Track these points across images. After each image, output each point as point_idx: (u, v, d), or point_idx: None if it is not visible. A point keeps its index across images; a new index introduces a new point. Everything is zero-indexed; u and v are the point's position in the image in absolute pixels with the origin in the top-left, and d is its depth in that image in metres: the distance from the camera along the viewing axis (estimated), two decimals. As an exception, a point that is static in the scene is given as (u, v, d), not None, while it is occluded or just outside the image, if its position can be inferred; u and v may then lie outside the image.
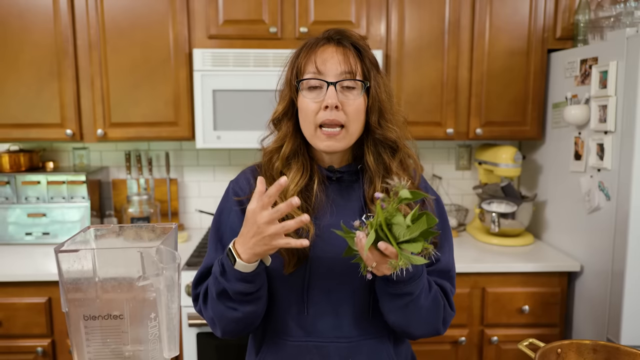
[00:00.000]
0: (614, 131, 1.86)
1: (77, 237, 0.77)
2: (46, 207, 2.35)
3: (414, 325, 1.04)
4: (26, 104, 2.20)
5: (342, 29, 1.07)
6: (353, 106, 1.02)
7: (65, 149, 2.61)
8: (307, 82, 1.03)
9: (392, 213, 0.84)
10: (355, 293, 1.06)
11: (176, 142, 2.61)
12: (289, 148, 1.07)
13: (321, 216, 1.06)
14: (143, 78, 2.22)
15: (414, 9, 2.26)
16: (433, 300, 1.04)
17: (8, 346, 1.99)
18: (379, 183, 1.06)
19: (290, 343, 1.07)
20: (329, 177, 1.09)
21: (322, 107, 1.01)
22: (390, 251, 0.84)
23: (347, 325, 1.06)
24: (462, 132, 2.36)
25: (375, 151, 1.07)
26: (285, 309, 1.06)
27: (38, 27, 2.16)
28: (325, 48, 1.04)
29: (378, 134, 1.05)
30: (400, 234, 0.84)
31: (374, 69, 1.05)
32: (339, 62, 1.02)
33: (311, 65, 1.03)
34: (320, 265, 1.04)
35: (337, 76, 1.02)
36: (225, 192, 1.15)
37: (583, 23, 2.20)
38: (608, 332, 1.91)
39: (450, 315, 1.10)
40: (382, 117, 1.05)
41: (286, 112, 1.08)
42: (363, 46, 1.06)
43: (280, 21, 2.23)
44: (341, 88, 1.02)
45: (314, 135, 1.04)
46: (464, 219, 2.68)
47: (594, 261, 2.00)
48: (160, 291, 0.70)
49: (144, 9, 2.18)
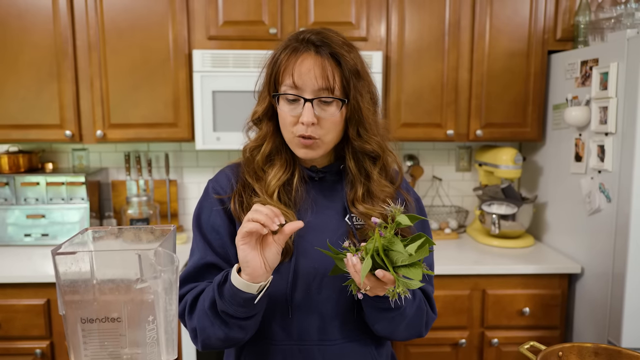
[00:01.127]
0: (615, 133, 1.85)
1: (74, 238, 0.76)
2: (45, 209, 2.35)
3: (398, 333, 1.05)
4: (25, 105, 2.20)
5: (323, 31, 1.03)
6: (330, 120, 1.01)
7: (65, 150, 2.60)
8: (284, 95, 1.01)
9: (390, 240, 0.84)
10: (340, 295, 1.05)
11: (176, 143, 2.60)
12: (269, 147, 1.07)
13: (303, 213, 1.05)
14: (142, 79, 2.22)
15: (414, 10, 2.26)
16: (417, 308, 1.05)
17: (6, 348, 1.99)
18: (360, 188, 1.07)
19: (273, 346, 1.05)
20: (312, 177, 1.09)
21: (300, 122, 1.00)
22: (388, 279, 0.84)
23: (331, 328, 1.05)
24: (463, 134, 2.35)
25: (355, 158, 1.07)
26: (268, 312, 1.04)
27: (37, 28, 2.16)
28: (304, 57, 1.00)
29: (356, 145, 1.05)
30: (398, 260, 0.84)
31: (353, 78, 1.01)
32: (316, 77, 0.98)
33: (288, 77, 1.00)
34: (303, 267, 1.03)
35: (315, 92, 0.99)
36: (204, 191, 1.14)
37: (583, 24, 2.19)
38: (609, 334, 1.90)
39: (432, 319, 1.12)
40: (362, 127, 1.03)
41: (266, 113, 1.07)
42: (342, 54, 1.00)
43: (280, 22, 2.22)
44: (319, 102, 1.00)
45: (291, 142, 1.04)
46: (464, 221, 2.67)
47: (595, 263, 2.00)
48: (158, 294, 0.69)
49: (144, 10, 2.18)
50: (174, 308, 0.72)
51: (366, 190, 1.07)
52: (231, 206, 1.06)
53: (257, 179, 1.07)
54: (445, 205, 2.71)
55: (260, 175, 1.07)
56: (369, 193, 1.07)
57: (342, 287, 1.05)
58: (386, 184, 1.09)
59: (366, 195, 1.06)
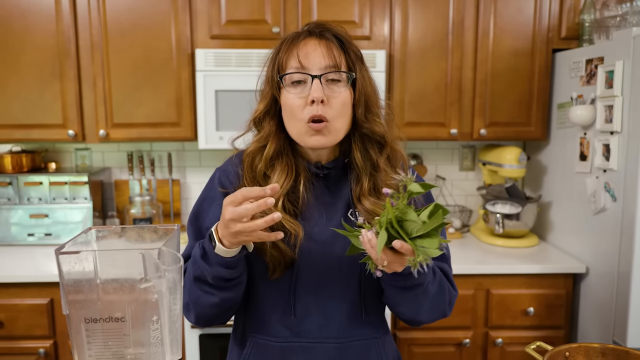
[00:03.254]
0: (620, 131, 1.84)
1: (78, 238, 0.75)
2: (48, 208, 2.34)
3: (424, 313, 1.03)
4: (28, 104, 2.20)
5: (323, 22, 1.04)
6: (339, 99, 0.99)
7: (68, 150, 2.60)
8: (290, 77, 0.99)
9: (402, 210, 0.80)
10: (344, 292, 1.04)
11: (178, 143, 2.60)
12: (272, 148, 1.03)
13: (309, 217, 1.03)
14: (145, 78, 2.22)
15: (418, 9, 2.25)
16: (439, 285, 1.02)
17: (10, 347, 1.98)
18: (366, 181, 1.04)
19: (275, 343, 1.04)
20: (316, 173, 1.06)
21: (308, 102, 0.97)
22: (406, 249, 0.80)
23: (335, 326, 1.04)
24: (466, 133, 2.34)
25: (363, 147, 1.04)
26: (270, 310, 1.04)
27: (40, 28, 2.16)
28: (307, 42, 1.00)
29: (365, 127, 1.03)
30: (413, 230, 0.80)
31: (358, 61, 1.02)
32: (323, 55, 0.98)
33: (294, 59, 0.99)
34: (307, 267, 1.02)
35: (321, 70, 0.98)
36: (210, 180, 1.12)
37: (588, 22, 2.18)
38: (614, 334, 1.89)
39: (454, 296, 1.08)
40: (369, 110, 1.03)
41: (268, 111, 1.04)
42: (346, 38, 1.02)
43: (283, 21, 2.22)
44: (326, 81, 0.98)
45: (301, 131, 1.00)
46: (467, 220, 2.66)
47: (600, 263, 1.99)
48: (162, 293, 0.69)
49: (146, 9, 2.18)
50: (179, 308, 0.71)
51: (372, 182, 1.04)
52: None
53: None
54: (449, 205, 2.70)
55: (262, 184, 1.03)
56: (376, 186, 1.04)
57: (346, 287, 1.04)
58: (393, 174, 1.05)
59: (372, 189, 1.04)
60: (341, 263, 1.03)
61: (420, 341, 2.10)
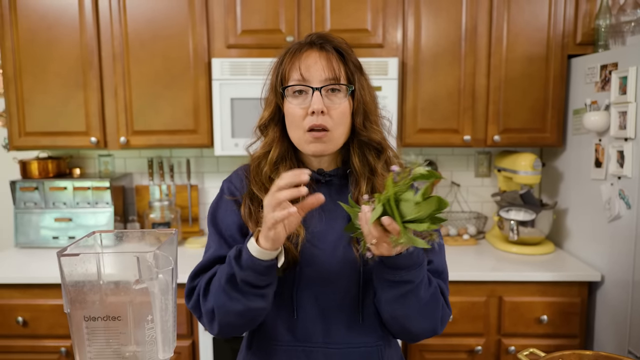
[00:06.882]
0: (634, 138, 1.81)
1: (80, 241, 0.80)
2: (72, 212, 2.44)
3: (413, 319, 1.02)
4: (53, 113, 2.30)
5: (324, 34, 1.08)
6: (339, 110, 1.04)
7: (92, 156, 2.70)
8: (292, 88, 1.04)
9: (402, 189, 0.82)
10: (344, 298, 1.07)
11: (196, 149, 2.67)
12: (276, 153, 1.08)
13: (310, 220, 1.06)
14: (164, 87, 2.29)
15: (431, 16, 2.26)
16: (433, 295, 1.03)
17: (33, 346, 2.07)
18: (364, 184, 1.07)
19: (279, 347, 1.08)
20: (318, 180, 1.10)
21: (309, 113, 1.02)
22: (393, 227, 0.82)
23: (336, 331, 1.06)
24: (480, 139, 2.34)
25: (361, 153, 1.09)
26: (274, 312, 1.07)
27: (65, 40, 2.26)
28: (308, 54, 1.05)
29: (363, 135, 1.07)
30: (408, 212, 0.82)
31: (357, 71, 1.07)
32: (323, 68, 1.03)
33: (295, 72, 1.04)
34: (309, 269, 1.05)
35: (322, 82, 1.03)
36: (220, 191, 1.17)
37: (604, 28, 2.16)
38: (629, 343, 1.86)
39: (447, 315, 1.09)
40: (367, 119, 1.07)
41: (272, 118, 1.09)
42: (346, 49, 1.07)
43: (297, 30, 2.26)
44: (326, 92, 1.03)
45: (302, 139, 1.05)
46: (483, 227, 2.65)
47: (615, 271, 1.96)
48: (154, 294, 0.73)
49: (165, 20, 2.25)
50: (170, 308, 0.75)
51: (370, 186, 1.07)
52: (241, 211, 1.09)
53: (265, 191, 1.08)
54: (464, 211, 2.69)
55: (267, 187, 1.06)
56: (374, 190, 1.07)
57: (348, 291, 1.07)
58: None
59: (370, 192, 1.06)
60: (341, 269, 1.05)
61: (432, 347, 2.10)
